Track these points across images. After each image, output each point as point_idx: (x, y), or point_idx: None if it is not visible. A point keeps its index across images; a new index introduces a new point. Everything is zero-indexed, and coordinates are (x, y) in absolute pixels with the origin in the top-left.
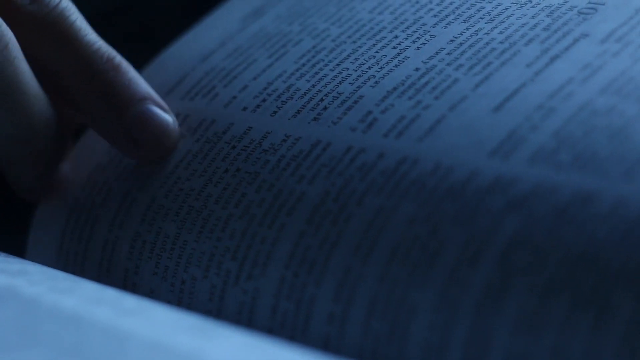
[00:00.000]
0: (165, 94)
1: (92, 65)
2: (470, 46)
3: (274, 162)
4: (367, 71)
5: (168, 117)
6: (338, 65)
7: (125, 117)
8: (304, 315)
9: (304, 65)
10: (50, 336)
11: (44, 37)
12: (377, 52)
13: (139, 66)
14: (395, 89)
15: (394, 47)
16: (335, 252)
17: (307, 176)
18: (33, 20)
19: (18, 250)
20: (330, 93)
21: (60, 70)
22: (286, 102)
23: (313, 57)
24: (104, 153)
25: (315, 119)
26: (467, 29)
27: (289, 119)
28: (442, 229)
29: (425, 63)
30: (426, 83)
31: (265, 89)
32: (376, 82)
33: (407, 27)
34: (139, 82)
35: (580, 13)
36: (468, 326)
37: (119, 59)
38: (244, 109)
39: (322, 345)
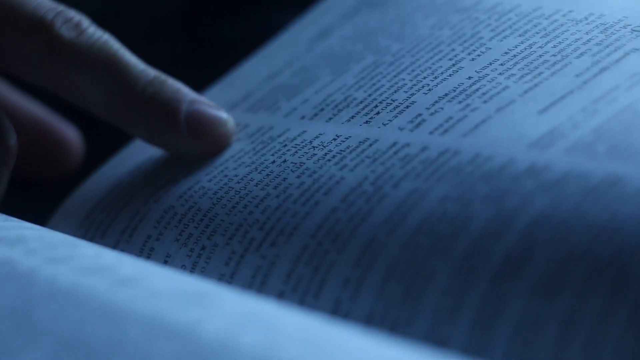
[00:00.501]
0: (229, 109)
1: (139, 82)
2: (523, 58)
3: (320, 155)
4: (422, 80)
5: (221, 112)
6: (395, 76)
7: (178, 118)
8: (319, 279)
9: (363, 78)
10: (47, 323)
11: (93, 65)
12: (433, 63)
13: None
14: (446, 94)
15: (450, 59)
16: (363, 225)
17: (349, 165)
18: (81, 51)
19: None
20: (385, 100)
21: (106, 94)
22: (342, 110)
23: (372, 70)
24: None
25: (367, 122)
26: (522, 42)
27: (342, 123)
28: (472, 206)
29: (478, 72)
30: (477, 89)
31: (324, 100)
32: (429, 90)
33: (465, 41)
34: (186, 89)
35: (633, 31)
36: (483, 291)
37: (164, 76)
38: (302, 117)
39: (331, 308)
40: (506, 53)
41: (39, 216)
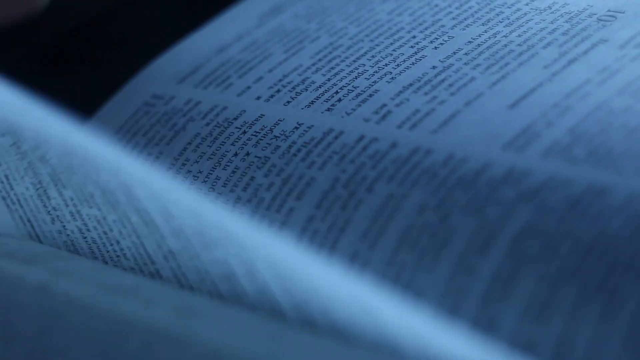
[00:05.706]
0: (178, 81)
1: None
2: (488, 47)
3: (285, 147)
4: (383, 67)
5: None
6: (354, 61)
7: None
8: None
9: (320, 60)
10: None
11: None
12: (394, 50)
13: (135, 68)
14: (411, 84)
15: (412, 47)
16: (343, 237)
17: (317, 162)
18: None
19: None
20: (346, 87)
21: None
22: (300, 93)
23: (330, 52)
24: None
25: (328, 109)
26: (486, 31)
27: (302, 109)
28: (452, 217)
29: (442, 62)
30: (442, 80)
31: (280, 80)
32: (392, 78)
33: (425, 29)
34: None
35: (599, 20)
36: (474, 313)
37: None
38: (257, 98)
39: None
40: (470, 42)
41: None
